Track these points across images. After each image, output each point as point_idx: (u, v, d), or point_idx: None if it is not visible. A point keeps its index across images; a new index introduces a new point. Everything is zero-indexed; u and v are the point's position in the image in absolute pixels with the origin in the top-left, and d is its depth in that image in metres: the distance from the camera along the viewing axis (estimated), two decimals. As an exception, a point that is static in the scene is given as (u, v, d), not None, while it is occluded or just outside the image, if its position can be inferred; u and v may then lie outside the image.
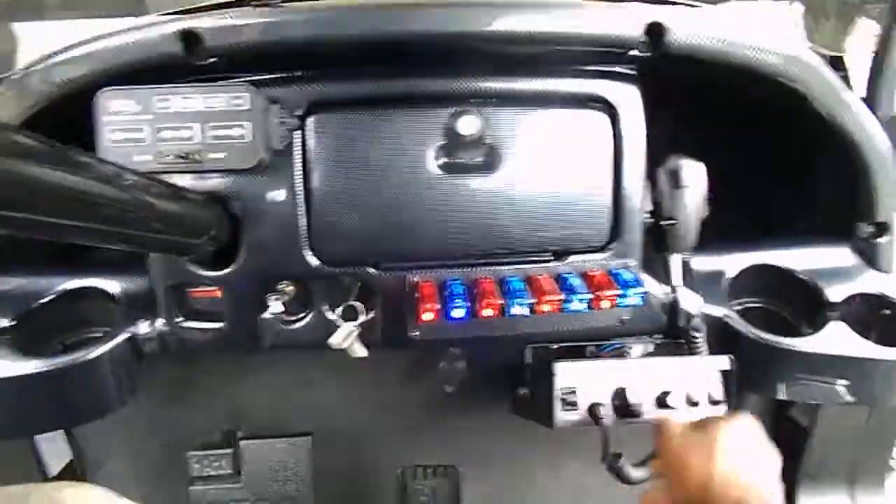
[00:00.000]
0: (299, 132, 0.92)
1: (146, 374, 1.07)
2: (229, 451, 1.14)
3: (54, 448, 1.32)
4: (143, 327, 1.01)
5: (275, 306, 0.97)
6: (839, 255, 1.13)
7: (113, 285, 1.04)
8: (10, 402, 0.97)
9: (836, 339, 1.04)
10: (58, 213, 0.50)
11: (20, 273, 1.05)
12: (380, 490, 1.38)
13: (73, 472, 1.37)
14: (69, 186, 0.50)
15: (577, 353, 1.07)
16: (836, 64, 1.28)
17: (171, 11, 1.07)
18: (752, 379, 1.08)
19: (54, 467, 1.31)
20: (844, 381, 1.05)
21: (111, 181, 0.57)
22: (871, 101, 1.11)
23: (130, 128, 0.85)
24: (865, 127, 1.03)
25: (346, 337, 0.98)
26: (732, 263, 1.12)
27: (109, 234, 0.60)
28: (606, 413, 0.94)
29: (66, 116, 0.85)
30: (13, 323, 1.00)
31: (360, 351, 1.00)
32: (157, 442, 1.39)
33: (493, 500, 1.44)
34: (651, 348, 1.10)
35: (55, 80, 0.89)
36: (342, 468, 1.37)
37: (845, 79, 1.26)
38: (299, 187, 0.93)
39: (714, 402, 0.96)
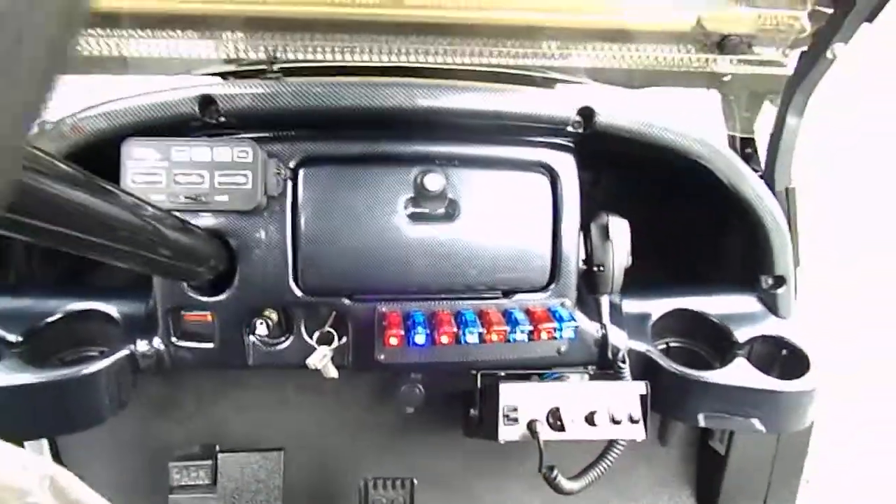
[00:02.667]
0: (291, 182, 1.08)
1: (137, 388, 1.18)
2: (208, 462, 1.24)
3: (39, 459, 1.40)
4: (141, 345, 1.13)
5: (261, 330, 1.11)
6: (746, 303, 1.33)
7: (113, 308, 1.17)
8: (16, 407, 1.08)
9: (739, 372, 1.22)
10: (86, 230, 0.60)
11: (30, 294, 1.17)
12: (344, 500, 1.50)
13: (53, 486, 1.45)
14: (97, 209, 0.60)
15: (522, 380, 1.22)
16: (747, 143, 1.52)
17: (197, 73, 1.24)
18: (672, 407, 1.25)
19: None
20: (753, 412, 1.22)
21: (132, 209, 0.69)
22: (769, 175, 1.34)
23: (149, 172, 1.00)
24: (761, 196, 1.24)
25: (321, 359, 1.11)
26: (657, 307, 1.30)
27: (126, 254, 0.70)
28: (543, 429, 1.10)
29: (95, 161, 1.00)
30: (22, 339, 1.12)
31: (332, 372, 1.14)
32: (140, 452, 1.48)
33: None
34: (586, 378, 1.25)
35: (86, 130, 1.05)
36: (310, 480, 1.48)
37: (753, 156, 1.50)
38: (289, 228, 1.08)
39: (633, 421, 1.13)
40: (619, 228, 1.18)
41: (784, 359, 1.29)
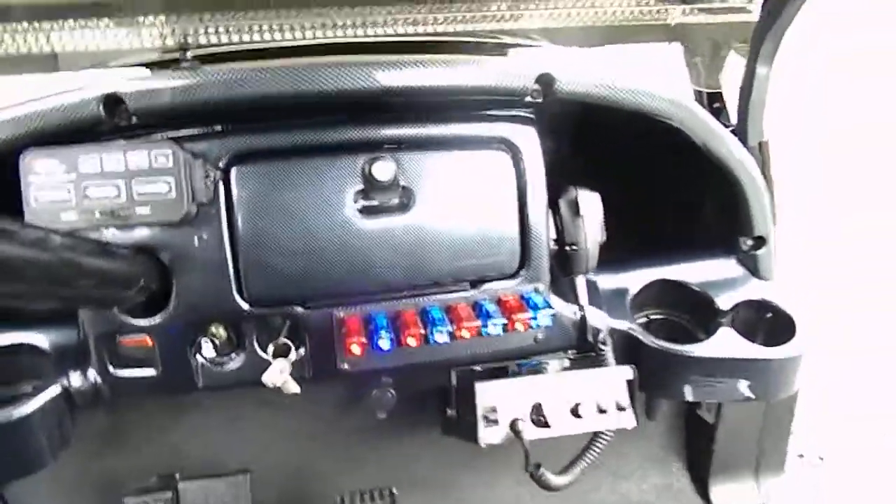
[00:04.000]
0: (223, 184, 0.96)
1: (78, 424, 1.07)
2: (168, 493, 1.15)
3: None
4: (75, 378, 1.02)
5: (207, 349, 1.01)
6: (726, 268, 1.26)
7: (42, 339, 1.05)
8: None
9: (725, 343, 1.16)
10: None
11: None
12: None
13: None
14: None
15: (498, 373, 1.14)
16: (715, 98, 1.44)
17: (86, 68, 1.09)
18: (658, 384, 1.19)
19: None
20: (740, 380, 1.17)
21: (36, 245, 0.59)
22: (741, 129, 1.26)
23: (56, 187, 0.87)
24: (734, 153, 1.17)
25: (279, 374, 1.01)
26: (634, 280, 1.23)
27: (40, 294, 0.62)
28: (526, 427, 1.02)
29: None
30: None
31: (293, 387, 1.03)
32: (92, 491, 1.37)
33: None
34: (567, 363, 1.18)
35: None
36: (282, 501, 1.39)
37: (722, 110, 1.42)
38: (226, 235, 0.96)
39: (620, 409, 1.06)
40: (590, 203, 1.09)
41: (769, 322, 1.24)
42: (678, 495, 1.56)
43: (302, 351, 1.04)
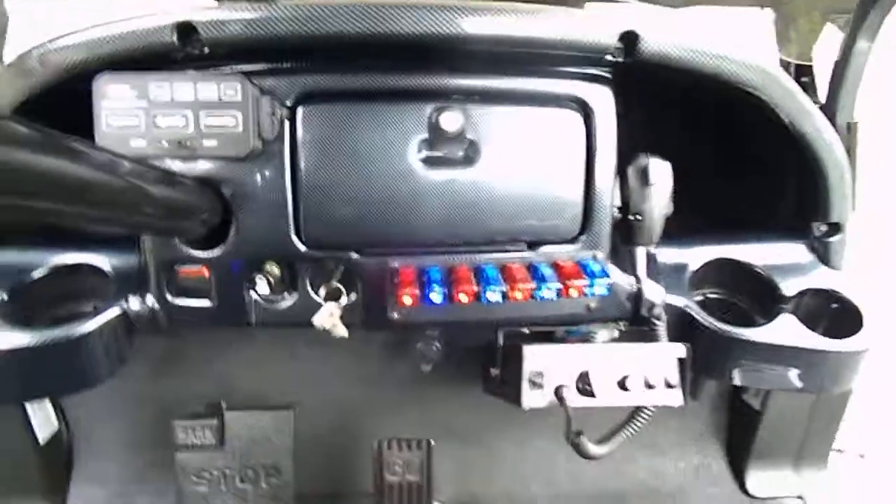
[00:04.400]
0: (289, 122, 0.95)
1: (135, 346, 1.11)
2: (214, 421, 1.19)
3: (44, 417, 1.37)
4: (134, 303, 1.05)
5: (261, 286, 1.02)
6: (795, 252, 1.21)
7: (104, 261, 1.08)
8: (8, 370, 1.01)
9: (785, 330, 1.12)
10: (54, 199, 0.52)
11: (14, 248, 1.09)
12: (357, 460, 1.45)
13: (60, 441, 1.42)
14: (64, 174, 0.51)
15: (546, 337, 1.13)
16: (804, 71, 1.35)
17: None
18: (708, 365, 1.16)
19: (42, 436, 1.36)
20: (795, 370, 1.13)
21: (106, 169, 0.59)
22: (830, 107, 1.18)
23: (127, 114, 0.88)
24: (823, 134, 1.09)
25: (328, 317, 1.02)
26: (696, 257, 1.19)
27: (105, 219, 0.63)
28: (570, 395, 1.01)
29: (70, 104, 0.88)
30: (7, 297, 1.04)
31: (342, 331, 1.04)
32: (144, 411, 1.44)
33: (463, 472, 1.52)
34: (616, 334, 1.16)
35: (54, 64, 0.92)
36: (322, 440, 1.43)
37: (811, 85, 1.33)
38: (288, 175, 0.96)
39: (669, 386, 1.03)
40: (661, 172, 1.05)
41: (834, 313, 1.18)
42: (715, 478, 1.55)
43: (353, 297, 1.05)
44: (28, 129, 0.46)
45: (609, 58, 0.98)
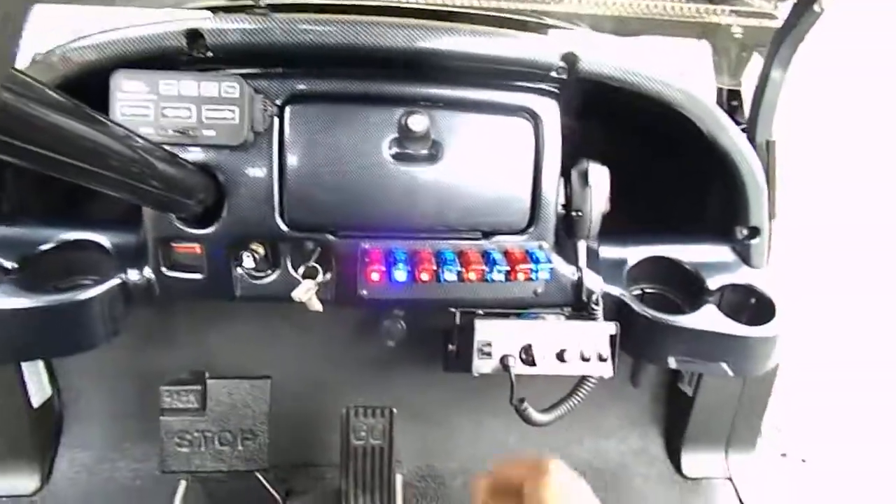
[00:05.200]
0: (278, 119, 1.10)
1: (129, 316, 1.23)
2: (198, 387, 1.30)
3: (38, 383, 1.48)
4: (132, 274, 1.18)
5: (248, 262, 1.15)
6: (720, 252, 1.37)
7: (105, 239, 1.21)
8: (12, 330, 1.12)
9: (708, 318, 1.27)
10: (78, 157, 0.62)
11: (25, 224, 1.21)
12: (326, 426, 1.58)
13: (50, 407, 1.53)
14: (88, 137, 0.62)
15: (497, 317, 1.27)
16: (734, 96, 1.53)
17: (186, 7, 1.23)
18: (644, 350, 1.31)
19: (36, 401, 1.47)
20: (721, 356, 1.28)
21: (122, 140, 0.71)
22: (751, 127, 1.36)
23: (138, 105, 1.02)
24: (740, 148, 1.26)
25: (306, 292, 1.16)
26: (633, 254, 1.34)
27: (115, 182, 0.72)
28: (515, 363, 1.16)
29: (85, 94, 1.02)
30: (17, 265, 1.16)
31: (317, 305, 1.18)
32: (133, 377, 1.55)
33: (423, 439, 1.65)
34: (562, 319, 1.31)
35: (75, 62, 1.06)
36: (296, 407, 1.55)
37: (739, 108, 1.52)
38: (275, 164, 1.10)
39: (602, 359, 1.18)
40: (599, 175, 1.20)
41: (753, 307, 1.34)
42: (652, 460, 1.69)
43: (328, 275, 1.19)
44: (64, 98, 0.57)
45: (553, 74, 1.14)
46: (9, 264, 1.15)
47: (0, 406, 1.43)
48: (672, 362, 1.29)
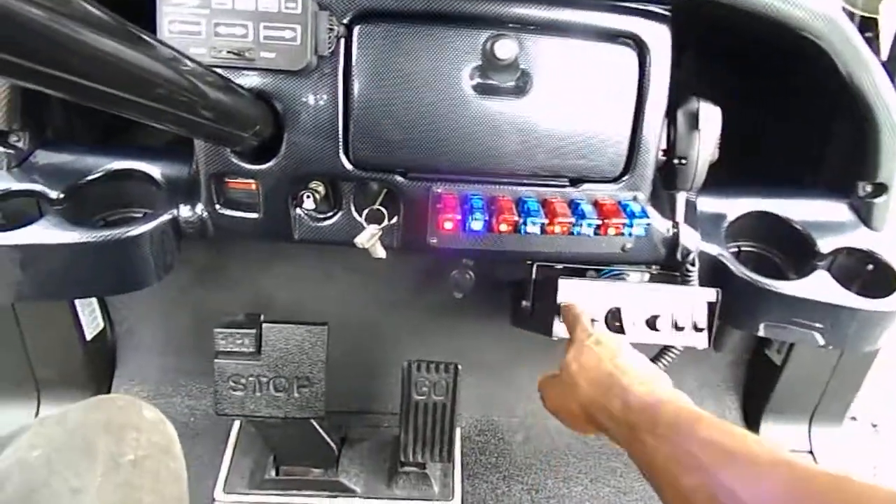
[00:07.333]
0: (344, 40, 0.96)
1: (182, 253, 1.15)
2: (253, 331, 1.23)
3: (91, 315, 1.44)
4: (184, 211, 1.09)
5: (307, 203, 1.04)
6: (836, 210, 1.19)
7: (156, 170, 1.11)
8: (58, 266, 1.05)
9: (818, 286, 1.11)
10: (117, 84, 0.52)
11: (71, 151, 1.12)
12: (386, 378, 1.51)
13: (104, 340, 1.50)
14: (131, 61, 0.51)
15: (578, 274, 1.15)
16: (868, 25, 1.30)
17: None
18: (736, 315, 1.17)
19: (89, 333, 1.44)
20: (820, 326, 1.13)
21: (170, 63, 0.59)
22: (891, 64, 1.15)
23: (188, 20, 0.89)
24: (881, 90, 1.06)
25: (370, 238, 1.05)
26: (734, 207, 1.18)
27: (162, 113, 0.62)
28: (600, 329, 1.04)
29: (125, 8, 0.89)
30: (63, 195, 1.08)
31: (381, 252, 1.08)
32: (187, 317, 1.50)
33: (485, 397, 1.57)
34: (647, 277, 1.17)
35: None
36: (353, 356, 1.48)
37: (874, 41, 1.29)
38: (340, 93, 0.97)
39: (698, 329, 1.05)
40: (711, 117, 1.04)
41: (869, 274, 1.18)
42: None
43: (395, 220, 1.08)
44: (104, 14, 0.46)
45: None
46: (54, 194, 1.06)
47: (53, 338, 1.39)
48: (762, 329, 1.15)
